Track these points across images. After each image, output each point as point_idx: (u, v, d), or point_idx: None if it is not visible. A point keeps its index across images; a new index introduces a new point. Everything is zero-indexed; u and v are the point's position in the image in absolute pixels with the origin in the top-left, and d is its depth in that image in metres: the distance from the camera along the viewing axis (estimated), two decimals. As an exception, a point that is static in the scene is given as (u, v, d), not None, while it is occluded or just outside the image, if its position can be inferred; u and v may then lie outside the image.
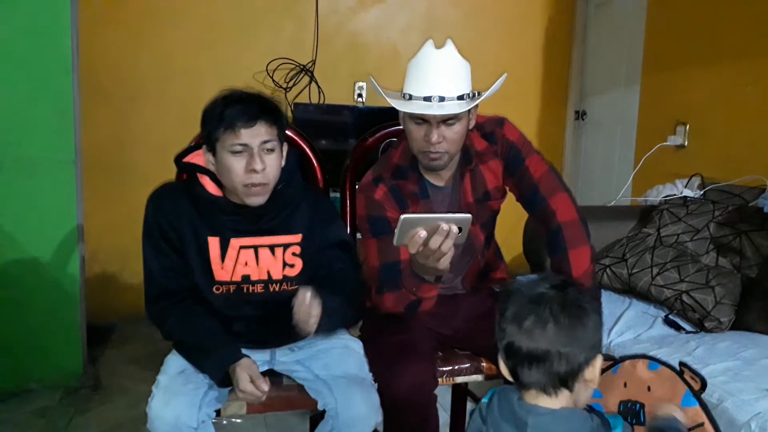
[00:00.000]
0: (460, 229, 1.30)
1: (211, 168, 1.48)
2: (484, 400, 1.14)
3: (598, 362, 1.04)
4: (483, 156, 1.64)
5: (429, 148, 1.52)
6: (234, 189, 1.46)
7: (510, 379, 1.07)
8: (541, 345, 1.00)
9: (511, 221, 2.29)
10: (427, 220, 1.29)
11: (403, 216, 1.27)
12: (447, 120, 1.49)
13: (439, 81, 1.48)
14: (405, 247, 1.35)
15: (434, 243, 1.30)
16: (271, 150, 1.45)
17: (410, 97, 1.50)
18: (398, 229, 1.29)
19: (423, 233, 1.29)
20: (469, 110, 1.53)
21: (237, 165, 1.42)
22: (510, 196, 1.72)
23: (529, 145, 1.65)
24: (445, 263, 1.35)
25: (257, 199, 1.47)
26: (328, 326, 1.47)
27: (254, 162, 1.42)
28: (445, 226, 1.28)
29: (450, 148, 1.53)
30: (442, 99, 1.47)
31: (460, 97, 1.49)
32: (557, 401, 1.03)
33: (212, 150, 1.45)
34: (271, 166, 1.45)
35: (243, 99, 1.45)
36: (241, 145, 1.41)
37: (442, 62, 1.50)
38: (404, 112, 1.53)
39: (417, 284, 1.48)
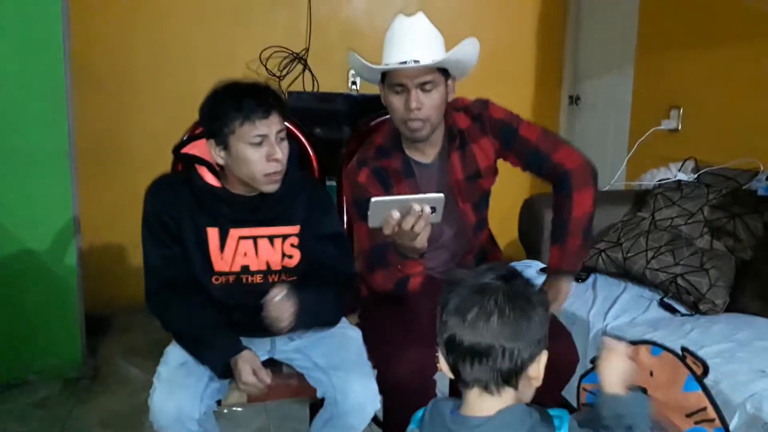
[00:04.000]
0: (433, 209, 1.32)
1: (220, 161, 1.48)
2: (417, 416, 1.07)
3: (543, 358, 0.96)
4: (471, 134, 1.67)
5: (409, 116, 1.56)
6: (251, 179, 1.46)
7: (451, 376, 0.99)
8: (484, 339, 0.92)
9: (506, 207, 2.30)
10: (398, 201, 1.31)
11: (372, 199, 1.29)
12: (424, 84, 1.54)
13: (412, 46, 1.55)
14: None
15: (407, 224, 1.32)
16: (284, 138, 1.48)
17: (387, 66, 1.56)
18: (370, 212, 1.31)
19: (396, 215, 1.31)
20: (446, 80, 1.59)
21: (257, 156, 1.43)
22: (500, 183, 1.73)
23: (516, 117, 1.70)
24: (421, 242, 1.37)
25: (274, 186, 1.49)
26: (306, 324, 1.50)
27: (275, 152, 1.43)
28: (417, 207, 1.30)
29: (430, 114, 1.57)
30: (416, 62, 1.53)
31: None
32: (500, 400, 0.96)
33: (223, 143, 1.45)
34: (285, 154, 1.48)
35: (253, 91, 1.45)
36: (260, 136, 1.42)
37: (413, 29, 1.57)
38: (385, 88, 1.59)
39: (401, 262, 1.51)
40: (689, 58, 2.85)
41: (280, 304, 1.42)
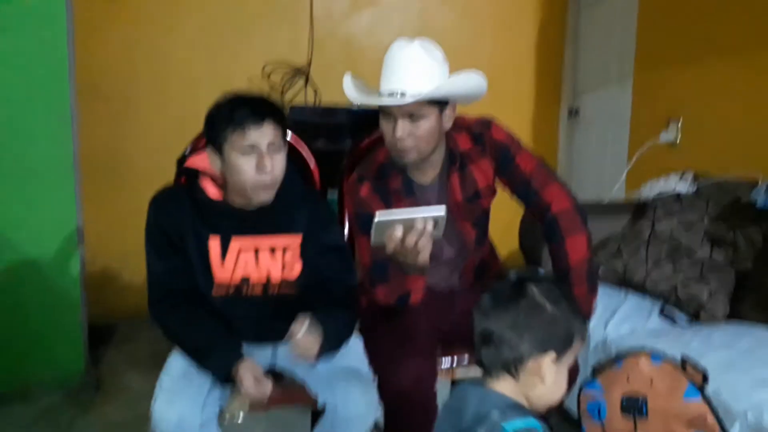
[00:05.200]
0: (435, 223, 1.32)
1: (217, 169, 1.50)
2: None
3: (546, 360, 1.03)
4: (471, 156, 1.66)
5: (395, 143, 1.54)
6: (242, 188, 1.47)
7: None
8: (489, 326, 1.05)
9: (507, 218, 2.32)
10: (401, 219, 1.31)
11: (377, 216, 1.29)
12: (411, 115, 1.51)
13: (402, 76, 1.50)
14: None
15: (410, 241, 1.32)
16: (278, 150, 1.48)
17: (380, 93, 1.54)
18: (373, 230, 1.30)
19: (398, 232, 1.31)
20: (441, 109, 1.55)
21: (247, 165, 1.44)
22: (501, 194, 1.74)
23: (517, 143, 1.67)
24: (423, 258, 1.37)
25: (265, 196, 1.49)
26: (331, 350, 1.51)
27: (264, 162, 1.44)
28: (419, 224, 1.30)
29: (418, 144, 1.54)
30: (403, 94, 1.49)
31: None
32: (500, 384, 1.06)
33: (219, 151, 1.47)
34: (278, 165, 1.48)
35: (250, 100, 1.47)
36: (250, 145, 1.43)
37: (405, 59, 1.52)
38: (380, 111, 1.56)
39: (403, 277, 1.51)
40: (687, 72, 2.87)
41: (305, 339, 1.44)
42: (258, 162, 1.44)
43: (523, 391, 1.05)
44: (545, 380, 1.03)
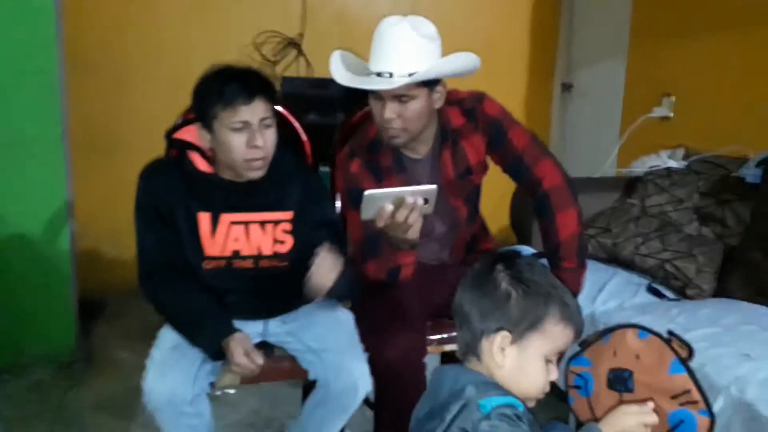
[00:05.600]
0: (426, 200, 1.32)
1: (206, 144, 1.48)
2: None
3: (498, 339, 1.01)
4: (463, 132, 1.65)
5: (384, 125, 1.53)
6: (233, 165, 1.47)
7: None
8: (459, 303, 1.05)
9: (498, 193, 2.32)
10: (391, 194, 1.30)
11: (366, 192, 1.28)
12: (400, 97, 1.49)
13: (390, 57, 1.48)
14: None
15: (400, 216, 1.32)
16: (269, 125, 1.46)
17: (369, 73, 1.51)
18: (363, 205, 1.30)
19: (389, 207, 1.31)
20: (432, 89, 1.53)
21: (237, 142, 1.43)
22: (492, 170, 1.74)
23: (510, 118, 1.66)
24: (414, 234, 1.38)
25: (256, 173, 1.48)
26: (340, 293, 1.50)
27: (255, 139, 1.43)
28: (410, 199, 1.30)
29: (408, 125, 1.53)
30: (391, 75, 1.47)
31: (412, 75, 1.46)
32: (472, 365, 1.05)
33: (208, 127, 1.45)
34: (269, 141, 1.46)
35: (240, 75, 1.44)
36: (241, 122, 1.42)
37: (393, 39, 1.49)
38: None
39: (393, 252, 1.52)
40: (682, 47, 2.86)
41: (326, 262, 1.43)
42: (249, 139, 1.43)
43: (489, 370, 1.02)
44: (501, 363, 1.01)
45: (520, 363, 1.01)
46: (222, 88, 1.41)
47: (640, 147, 2.80)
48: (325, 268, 1.43)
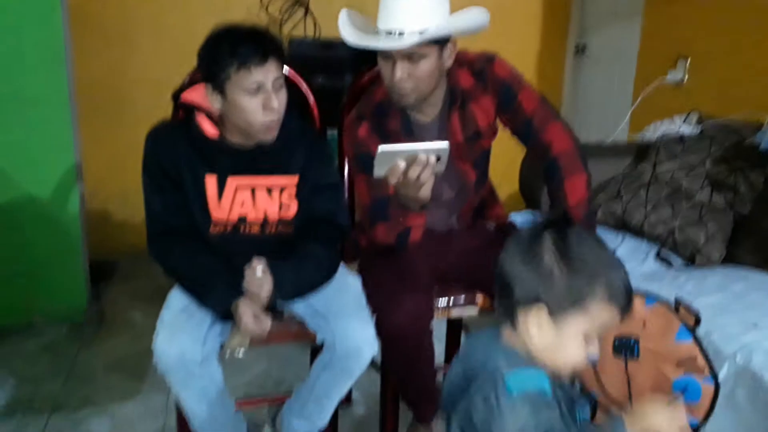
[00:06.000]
0: (438, 158, 1.31)
1: (216, 107, 1.46)
2: None
3: (533, 311, 0.96)
4: (472, 93, 1.62)
5: (394, 85, 1.50)
6: (248, 128, 1.45)
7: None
8: (501, 267, 0.99)
9: (507, 159, 2.29)
10: (404, 150, 1.30)
11: (380, 148, 1.28)
12: (411, 56, 1.46)
13: (399, 14, 1.44)
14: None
15: (413, 173, 1.31)
16: (282, 87, 1.45)
17: (377, 32, 1.48)
18: (376, 161, 1.30)
19: (402, 164, 1.30)
20: (442, 47, 1.49)
21: (253, 104, 1.41)
22: (500, 135, 1.72)
23: (520, 79, 1.63)
24: (425, 192, 1.37)
25: (270, 135, 1.47)
26: (283, 297, 1.50)
27: (271, 100, 1.41)
28: (422, 157, 1.29)
29: (418, 85, 1.50)
30: (401, 34, 1.43)
31: (423, 33, 1.43)
32: (507, 333, 1.01)
33: (220, 89, 1.42)
34: (283, 103, 1.45)
35: (252, 36, 1.41)
36: (256, 83, 1.39)
37: None
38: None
39: (403, 213, 1.51)
40: (698, 7, 2.78)
41: (261, 280, 1.44)
42: (265, 102, 1.41)
43: (524, 346, 0.99)
44: (537, 337, 0.96)
45: (558, 339, 0.96)
46: (234, 49, 1.38)
47: (652, 112, 2.76)
48: (255, 278, 1.44)
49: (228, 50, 1.38)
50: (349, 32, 1.51)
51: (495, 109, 1.64)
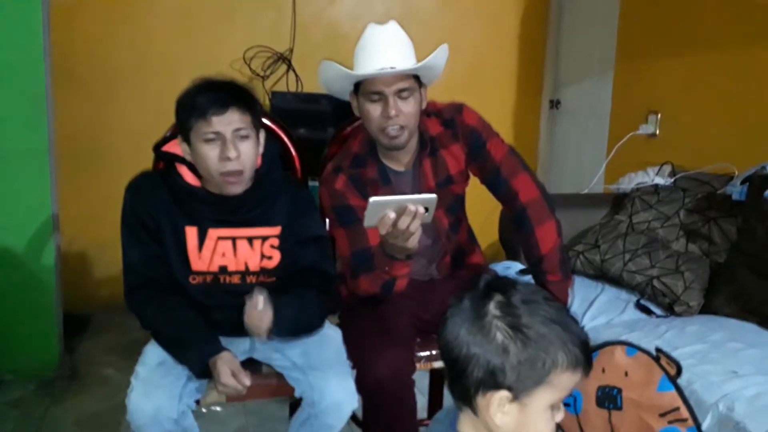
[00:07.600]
0: (426, 209, 1.35)
1: (188, 158, 1.48)
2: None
3: (495, 398, 0.86)
4: (442, 141, 1.68)
5: (388, 123, 1.56)
6: (210, 178, 1.46)
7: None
8: (446, 338, 0.88)
9: (488, 208, 2.32)
10: (394, 201, 1.34)
11: (372, 199, 1.31)
12: (401, 92, 1.55)
13: (387, 53, 1.55)
14: (373, 233, 1.41)
15: (402, 223, 1.34)
16: (245, 137, 1.45)
17: (365, 73, 1.55)
18: (367, 212, 1.33)
19: (392, 215, 1.34)
20: (420, 89, 1.60)
21: (211, 153, 1.42)
22: (481, 185, 1.75)
23: (488, 128, 1.70)
24: (413, 242, 1.39)
25: (235, 188, 1.47)
26: (286, 332, 1.49)
27: (227, 150, 1.41)
28: (412, 207, 1.33)
29: (408, 122, 1.58)
30: (393, 68, 1.53)
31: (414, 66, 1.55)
32: (465, 418, 0.92)
33: (186, 139, 1.45)
34: (245, 153, 1.44)
35: (214, 86, 1.44)
36: (213, 133, 1.41)
37: (387, 37, 1.58)
38: (360, 97, 1.59)
39: (389, 263, 1.52)
40: (667, 66, 2.89)
41: (261, 312, 1.41)
42: (221, 150, 1.42)
43: (488, 426, 0.89)
44: (501, 423, 0.87)
45: (525, 418, 0.88)
46: (195, 98, 1.41)
47: (627, 164, 2.83)
48: (256, 310, 1.42)
49: (190, 100, 1.42)
50: (346, 70, 1.57)
51: (465, 157, 1.69)
